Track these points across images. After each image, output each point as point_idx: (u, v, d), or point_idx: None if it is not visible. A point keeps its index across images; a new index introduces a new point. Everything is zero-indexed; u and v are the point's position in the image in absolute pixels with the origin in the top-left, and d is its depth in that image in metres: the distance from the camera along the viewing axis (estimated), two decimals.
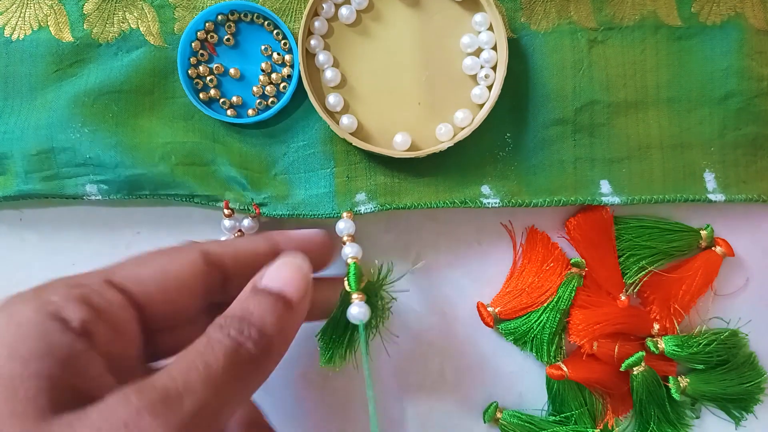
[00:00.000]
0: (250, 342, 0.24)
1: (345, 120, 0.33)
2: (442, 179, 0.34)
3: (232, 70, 0.34)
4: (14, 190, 0.34)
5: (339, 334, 0.33)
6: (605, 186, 0.35)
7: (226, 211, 0.34)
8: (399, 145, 0.33)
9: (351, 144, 0.33)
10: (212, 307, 0.28)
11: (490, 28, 0.34)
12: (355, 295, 0.31)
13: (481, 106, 0.34)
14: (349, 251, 0.32)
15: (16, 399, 0.21)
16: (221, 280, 0.28)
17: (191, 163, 0.34)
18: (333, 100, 0.33)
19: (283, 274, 0.27)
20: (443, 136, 0.34)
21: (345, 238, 0.33)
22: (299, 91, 0.34)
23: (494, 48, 0.34)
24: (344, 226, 0.33)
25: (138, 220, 0.36)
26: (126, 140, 0.33)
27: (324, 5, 0.33)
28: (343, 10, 0.33)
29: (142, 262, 0.27)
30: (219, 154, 0.34)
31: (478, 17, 0.33)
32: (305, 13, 0.33)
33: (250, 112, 0.34)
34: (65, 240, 0.36)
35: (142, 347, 0.26)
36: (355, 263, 0.32)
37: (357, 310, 0.31)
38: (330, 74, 0.33)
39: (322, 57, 0.34)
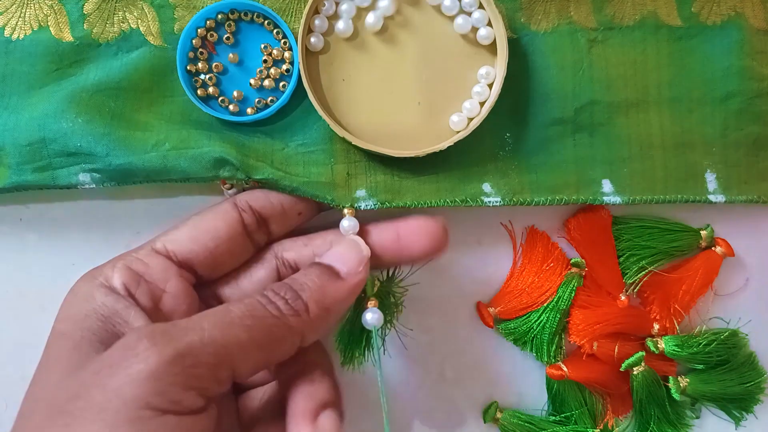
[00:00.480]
0: (282, 301, 0.26)
1: (345, 223, 0.32)
2: (443, 178, 0.34)
3: (231, 55, 0.34)
4: (7, 183, 0.33)
5: (356, 336, 0.34)
6: (607, 185, 0.35)
7: (225, 186, 0.33)
8: (455, 124, 0.34)
9: (351, 143, 0.33)
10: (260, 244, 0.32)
11: (489, 25, 0.34)
12: (369, 302, 0.32)
13: (481, 105, 0.34)
14: (347, 213, 0.32)
15: (66, 347, 0.26)
16: (259, 222, 0.32)
17: (185, 147, 0.33)
18: (314, 39, 0.33)
19: (338, 250, 0.29)
20: (457, 125, 0.34)
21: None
22: (299, 92, 0.34)
23: (493, 43, 0.34)
24: (348, 224, 0.32)
25: (138, 220, 0.36)
26: (120, 132, 0.33)
27: (325, 3, 0.33)
28: (343, 6, 0.33)
29: (180, 224, 0.31)
30: (215, 141, 0.33)
31: (477, 14, 0.33)
32: (305, 10, 0.33)
33: (249, 110, 0.34)
34: (65, 240, 0.36)
35: (197, 301, 0.30)
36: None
37: (371, 316, 0.32)
38: (342, 25, 0.34)
39: (345, 6, 0.34)
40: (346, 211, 0.33)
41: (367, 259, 0.30)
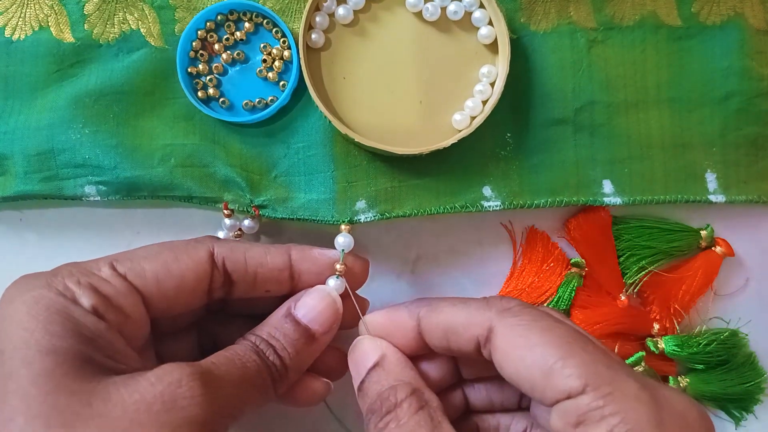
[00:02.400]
0: (273, 365, 0.28)
1: (340, 239, 0.32)
2: (443, 181, 0.34)
3: (236, 53, 0.34)
4: (13, 191, 0.34)
5: None
6: (608, 186, 0.35)
7: (225, 212, 0.34)
8: (458, 123, 0.34)
9: (351, 145, 0.33)
10: (214, 300, 0.30)
11: (490, 24, 0.34)
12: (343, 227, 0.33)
13: (484, 103, 0.34)
14: (339, 270, 0.31)
15: (63, 366, 0.23)
16: (225, 282, 0.29)
17: (191, 165, 0.34)
18: (315, 36, 0.33)
19: (316, 309, 0.29)
20: (460, 124, 0.34)
21: (338, 267, 0.31)
22: (299, 92, 0.34)
23: (494, 42, 0.34)
24: (343, 240, 0.32)
25: (138, 220, 0.36)
26: (127, 142, 0.33)
27: (326, 0, 0.33)
28: (341, 10, 0.33)
29: (149, 255, 0.28)
30: (219, 156, 0.34)
31: (477, 14, 0.33)
32: (306, 7, 0.33)
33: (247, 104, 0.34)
34: (65, 240, 0.36)
35: (149, 328, 0.28)
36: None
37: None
38: (342, 11, 0.33)
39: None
40: (343, 227, 0.33)
41: (340, 315, 0.30)
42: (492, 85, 0.34)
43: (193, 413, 0.23)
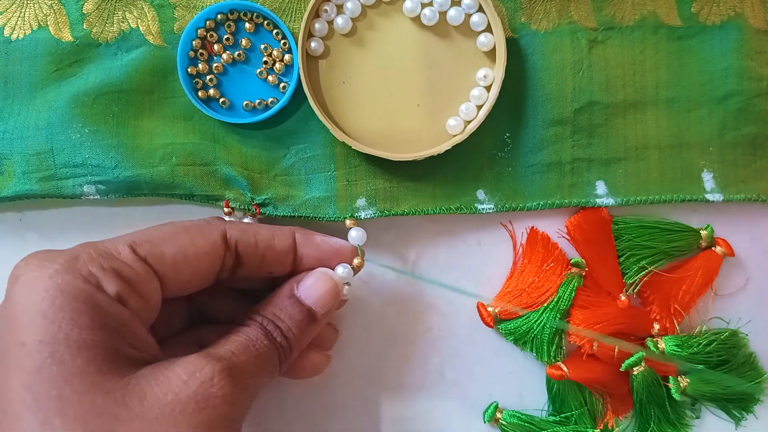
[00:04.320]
0: (280, 345, 0.29)
1: (340, 21, 0.33)
2: (438, 184, 0.35)
3: (236, 54, 0.34)
4: (12, 191, 0.34)
5: None
6: (601, 187, 0.35)
7: (226, 210, 0.34)
8: (452, 128, 0.34)
9: (351, 147, 0.33)
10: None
11: (488, 28, 0.34)
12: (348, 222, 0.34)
13: (480, 107, 0.34)
14: (357, 264, 0.32)
15: (95, 362, 0.23)
16: (235, 264, 0.30)
17: (192, 163, 0.34)
18: (314, 44, 0.34)
19: (318, 291, 0.30)
20: (454, 129, 0.34)
21: (356, 261, 0.32)
22: (299, 92, 0.34)
23: (493, 48, 0.34)
24: (357, 234, 0.33)
25: (138, 219, 0.36)
26: (127, 141, 0.33)
27: (326, 7, 0.33)
28: (339, 20, 0.34)
29: (167, 237, 0.28)
30: (219, 154, 0.34)
31: (476, 17, 0.33)
32: (305, 14, 0.33)
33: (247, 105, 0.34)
34: (65, 240, 0.36)
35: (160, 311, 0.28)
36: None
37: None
38: (341, 21, 0.34)
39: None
40: (348, 222, 0.34)
41: (339, 298, 0.31)
42: (488, 89, 0.34)
43: (225, 411, 0.24)
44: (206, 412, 0.23)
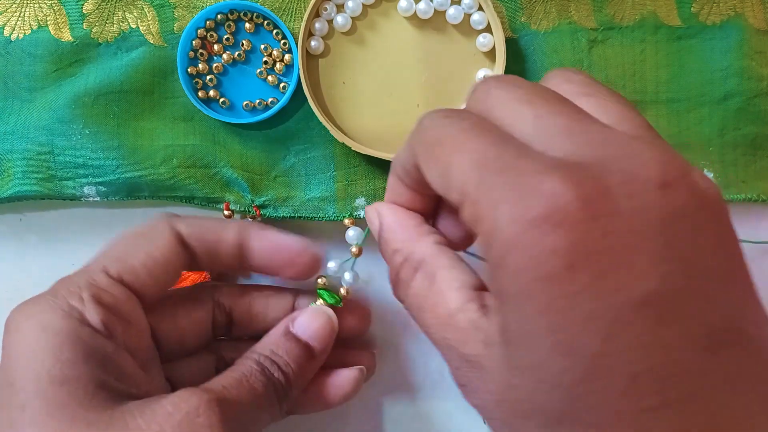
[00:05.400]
0: (278, 382, 0.28)
1: (340, 19, 0.33)
2: None
3: (236, 54, 0.34)
4: (12, 192, 0.34)
5: None
6: None
7: (226, 213, 0.34)
8: None
9: (350, 147, 0.33)
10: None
11: (488, 28, 0.34)
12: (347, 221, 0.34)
13: None
14: (349, 278, 0.32)
15: (76, 395, 0.23)
16: (191, 259, 0.29)
17: (193, 165, 0.34)
18: (314, 43, 0.34)
19: (313, 326, 0.30)
20: None
21: (354, 249, 0.33)
22: (300, 92, 0.34)
23: (493, 48, 0.34)
24: (354, 233, 0.33)
25: (137, 220, 0.36)
26: (128, 142, 0.34)
27: (326, 6, 0.33)
28: (339, 18, 0.34)
29: (130, 249, 0.28)
30: (220, 156, 0.34)
31: (476, 16, 0.33)
32: (306, 14, 0.33)
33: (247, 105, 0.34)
34: (65, 241, 0.36)
35: (150, 339, 0.28)
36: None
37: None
38: (341, 20, 0.34)
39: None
40: (347, 221, 0.34)
41: (335, 332, 0.31)
42: None
43: None
44: None
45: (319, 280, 0.32)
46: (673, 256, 0.17)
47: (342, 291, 0.32)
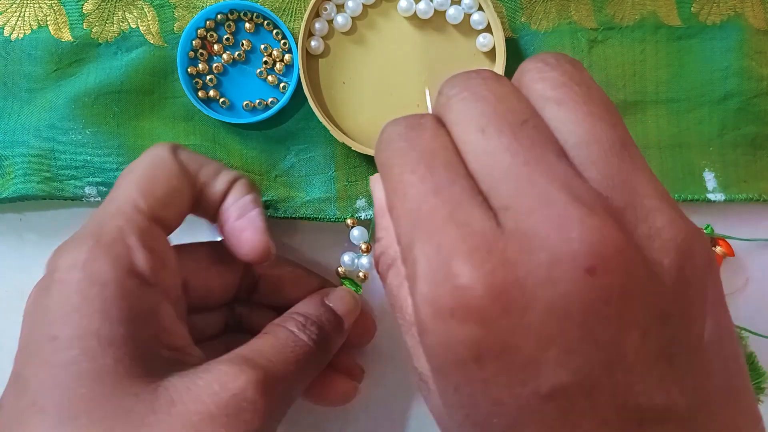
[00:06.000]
0: (320, 349, 0.28)
1: (340, 19, 0.33)
2: None
3: (236, 54, 0.34)
4: (12, 192, 0.34)
5: None
6: None
7: None
8: None
9: (351, 147, 0.33)
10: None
11: (488, 28, 0.34)
12: (349, 221, 0.34)
13: None
14: (366, 263, 0.34)
15: (124, 361, 0.22)
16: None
17: None
18: (314, 43, 0.34)
19: (347, 304, 0.31)
20: None
21: (363, 247, 0.34)
22: (300, 92, 0.34)
23: (493, 48, 0.34)
24: (359, 233, 0.34)
25: None
26: (129, 143, 0.34)
27: (326, 6, 0.33)
28: (339, 18, 0.34)
29: (148, 178, 0.25)
30: (220, 156, 0.34)
31: (476, 16, 0.33)
32: (306, 14, 0.33)
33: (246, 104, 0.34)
34: (65, 240, 0.36)
35: (180, 280, 0.27)
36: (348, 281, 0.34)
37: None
38: (341, 19, 0.34)
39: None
40: (349, 221, 0.34)
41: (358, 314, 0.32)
42: None
43: (256, 426, 0.23)
44: (236, 426, 0.22)
45: (339, 269, 0.34)
46: (590, 349, 0.16)
47: (361, 275, 0.34)
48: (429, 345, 0.17)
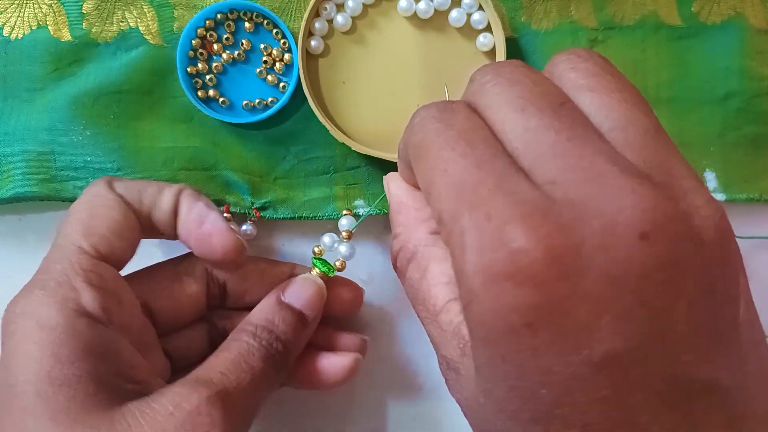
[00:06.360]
0: (277, 352, 0.27)
1: (340, 19, 0.33)
2: None
3: (236, 53, 0.34)
4: (11, 192, 0.34)
5: None
6: None
7: (226, 215, 0.34)
8: None
9: (350, 148, 0.33)
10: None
11: (488, 27, 0.34)
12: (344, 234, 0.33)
13: None
14: (344, 251, 0.32)
15: (77, 398, 0.22)
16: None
17: (194, 167, 0.34)
18: (314, 43, 0.34)
19: (305, 294, 0.29)
20: None
21: (344, 234, 0.33)
22: (300, 92, 0.34)
23: (493, 48, 0.34)
24: (346, 222, 0.33)
25: None
26: (129, 144, 0.34)
27: (326, 6, 0.33)
28: (339, 18, 0.33)
29: (88, 218, 0.26)
30: (220, 158, 0.34)
31: (476, 16, 0.33)
32: (306, 14, 0.33)
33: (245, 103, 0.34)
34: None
35: (141, 311, 0.27)
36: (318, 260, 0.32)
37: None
38: (341, 19, 0.33)
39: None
40: (344, 211, 0.34)
41: (324, 300, 0.30)
42: None
43: None
44: None
45: (315, 248, 0.32)
46: (643, 315, 0.16)
47: (337, 263, 0.32)
48: (479, 313, 0.17)
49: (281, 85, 0.34)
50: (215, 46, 0.34)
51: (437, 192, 0.18)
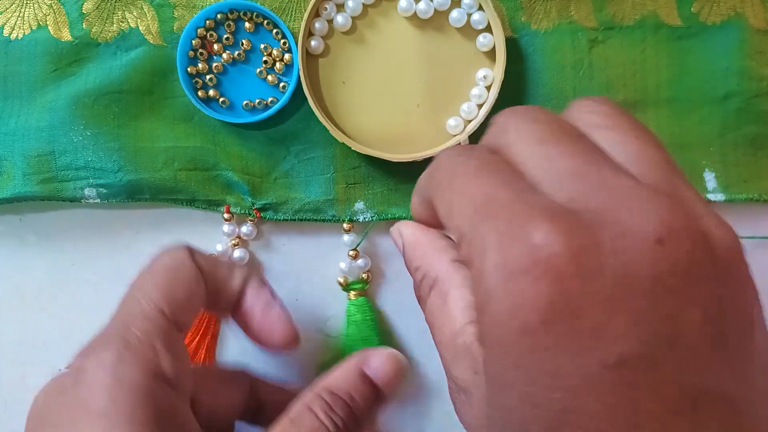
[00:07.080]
0: (348, 429, 0.25)
1: (340, 19, 0.33)
2: None
3: (236, 53, 0.34)
4: (11, 192, 0.34)
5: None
6: None
7: (226, 216, 0.34)
8: (452, 128, 0.34)
9: (350, 148, 0.33)
10: None
11: (488, 28, 0.34)
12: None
13: (481, 106, 0.34)
14: (362, 263, 0.34)
15: None
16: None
17: (194, 168, 0.34)
18: (314, 43, 0.34)
19: (388, 370, 0.27)
20: (454, 129, 0.34)
21: (351, 254, 0.34)
22: (299, 92, 0.34)
23: (493, 48, 0.34)
24: (349, 239, 0.34)
25: (137, 220, 0.36)
26: (129, 144, 0.34)
27: (326, 6, 0.33)
28: (339, 18, 0.33)
29: (169, 283, 0.26)
30: (221, 158, 0.34)
31: (476, 16, 0.33)
32: (306, 14, 0.33)
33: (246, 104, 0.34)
34: (65, 240, 0.36)
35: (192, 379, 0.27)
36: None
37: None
38: (341, 19, 0.34)
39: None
40: (345, 226, 0.34)
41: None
42: (488, 89, 0.34)
43: None
44: None
45: (340, 280, 0.34)
46: (656, 319, 0.16)
47: (364, 276, 0.34)
48: (494, 314, 0.17)
49: (281, 85, 0.34)
50: (215, 46, 0.34)
51: (459, 209, 0.19)
